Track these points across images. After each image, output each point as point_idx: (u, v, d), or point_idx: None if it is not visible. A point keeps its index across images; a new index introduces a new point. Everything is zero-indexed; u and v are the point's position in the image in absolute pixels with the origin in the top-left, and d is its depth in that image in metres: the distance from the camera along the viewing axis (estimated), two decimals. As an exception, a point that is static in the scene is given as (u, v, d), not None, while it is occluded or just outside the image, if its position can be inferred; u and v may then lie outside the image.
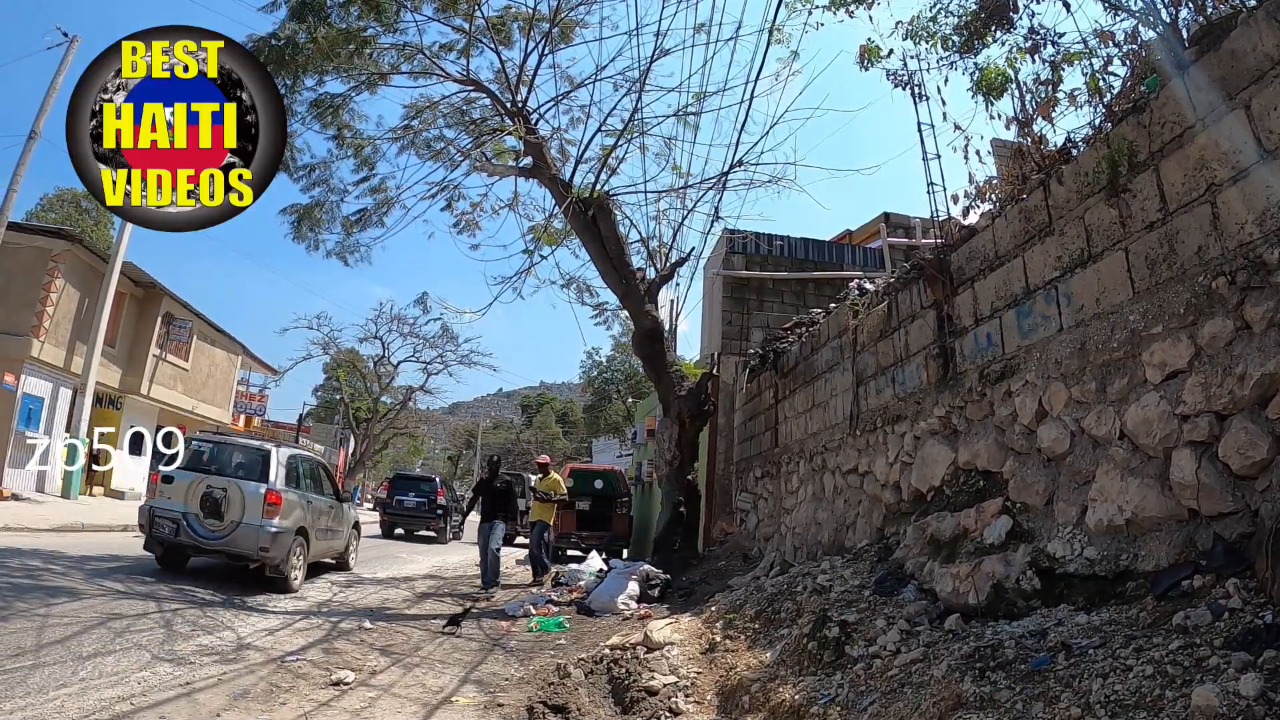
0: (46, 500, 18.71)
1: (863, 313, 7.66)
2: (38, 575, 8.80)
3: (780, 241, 14.65)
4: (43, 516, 15.19)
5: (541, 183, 12.36)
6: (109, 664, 5.58)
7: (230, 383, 32.12)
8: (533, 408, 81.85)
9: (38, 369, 20.31)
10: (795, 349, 9.79)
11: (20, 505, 16.67)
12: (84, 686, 4.98)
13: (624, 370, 55.04)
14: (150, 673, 5.51)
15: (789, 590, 6.20)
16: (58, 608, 7.06)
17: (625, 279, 11.75)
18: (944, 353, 5.91)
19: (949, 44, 5.84)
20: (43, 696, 4.71)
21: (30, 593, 7.58)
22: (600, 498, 19.20)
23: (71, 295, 21.05)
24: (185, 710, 4.81)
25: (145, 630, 6.69)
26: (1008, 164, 5.25)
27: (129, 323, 24.27)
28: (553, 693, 5.35)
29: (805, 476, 8.82)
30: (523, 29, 12.00)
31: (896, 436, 6.59)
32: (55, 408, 21.15)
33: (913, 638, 4.26)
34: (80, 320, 21.22)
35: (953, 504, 5.39)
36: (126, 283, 22.79)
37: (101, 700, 4.75)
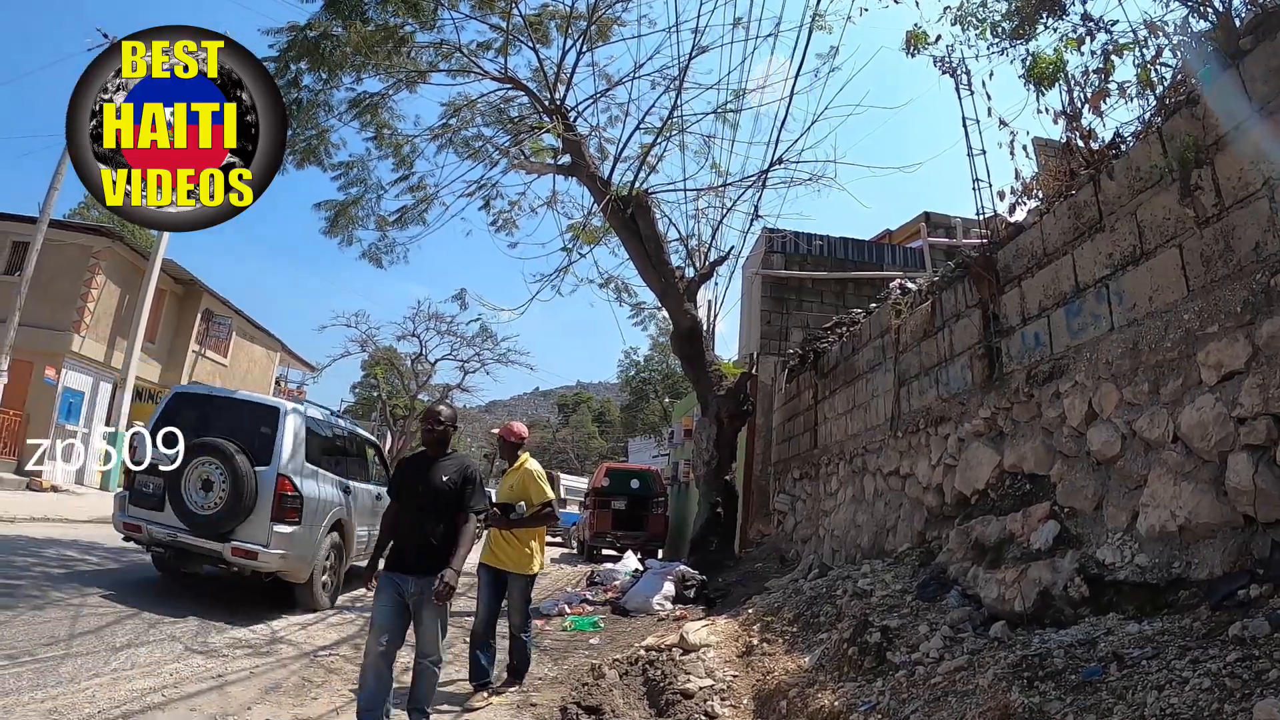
0: (86, 492, 19.19)
1: (905, 312, 7.53)
2: (73, 565, 8.98)
3: (820, 241, 14.52)
4: (81, 508, 15.54)
5: (580, 181, 12.38)
6: (142, 655, 5.67)
7: (269, 379, 32.74)
8: (569, 407, 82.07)
9: (79, 364, 20.90)
10: (836, 349, 9.67)
11: (60, 497, 17.11)
12: (115, 677, 5.07)
13: (661, 370, 54.95)
14: (182, 664, 5.59)
15: (828, 594, 6.11)
16: (92, 598, 7.17)
17: (664, 277, 11.71)
18: (990, 353, 5.78)
19: (998, 30, 5.71)
20: (74, 686, 4.79)
21: (65, 583, 7.71)
22: (636, 497, 19.19)
23: (112, 292, 21.61)
24: (216, 702, 4.86)
25: (177, 623, 6.81)
26: (1055, 160, 5.12)
27: (169, 319, 24.87)
28: (586, 693, 5.33)
29: (845, 478, 8.70)
30: (560, 27, 12.02)
31: (940, 438, 6.46)
32: (95, 401, 21.74)
33: (957, 645, 4.16)
34: (121, 316, 21.80)
35: (998, 508, 5.26)
36: (166, 280, 23.34)
37: (133, 691, 4.83)
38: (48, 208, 18.11)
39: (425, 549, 4.45)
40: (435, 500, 4.53)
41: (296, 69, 11.64)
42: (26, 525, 12.23)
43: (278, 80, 11.61)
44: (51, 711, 4.33)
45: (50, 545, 10.20)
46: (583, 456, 64.99)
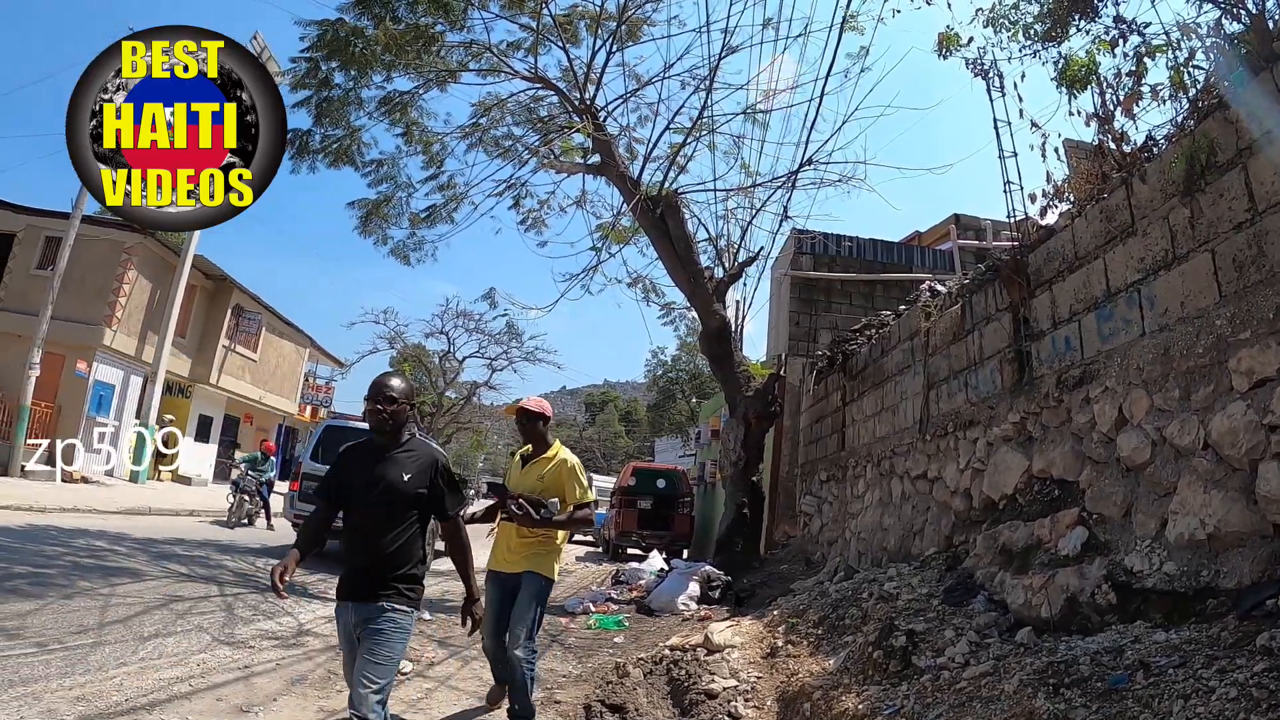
0: (115, 484, 19.62)
1: (935, 314, 7.49)
2: (103, 556, 9.15)
3: (849, 242, 14.46)
4: (111, 499, 15.86)
5: (610, 180, 12.43)
6: (169, 645, 5.76)
7: (298, 374, 33.18)
8: (596, 406, 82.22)
9: (110, 357, 21.37)
10: (864, 351, 9.63)
11: (90, 488, 17.47)
12: (143, 666, 5.15)
13: (688, 370, 54.93)
14: (209, 655, 5.67)
15: (854, 596, 6.10)
16: (121, 588, 7.31)
17: (693, 277, 11.73)
18: (1020, 357, 5.74)
19: (1030, 33, 5.66)
20: (103, 674, 4.87)
21: (94, 573, 7.87)
22: (663, 497, 19.20)
23: (144, 287, 22.04)
24: (242, 693, 4.92)
25: (206, 613, 6.90)
26: (1086, 163, 5.07)
27: (199, 314, 25.30)
28: (610, 691, 5.36)
29: (872, 481, 8.67)
30: (590, 27, 12.08)
31: (968, 442, 6.43)
32: (126, 395, 22.20)
33: (982, 650, 4.14)
34: (152, 311, 22.21)
35: (1026, 513, 5.23)
36: (197, 275, 23.74)
37: (160, 680, 4.90)
38: (80, 204, 18.48)
39: (374, 570, 3.41)
40: (391, 505, 3.46)
41: (328, 68, 11.80)
42: (56, 516, 12.47)
43: (308, 78, 11.81)
44: (80, 699, 4.41)
45: (79, 535, 10.40)
46: (609, 456, 65.10)
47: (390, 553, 3.46)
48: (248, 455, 17.64)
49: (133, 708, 4.40)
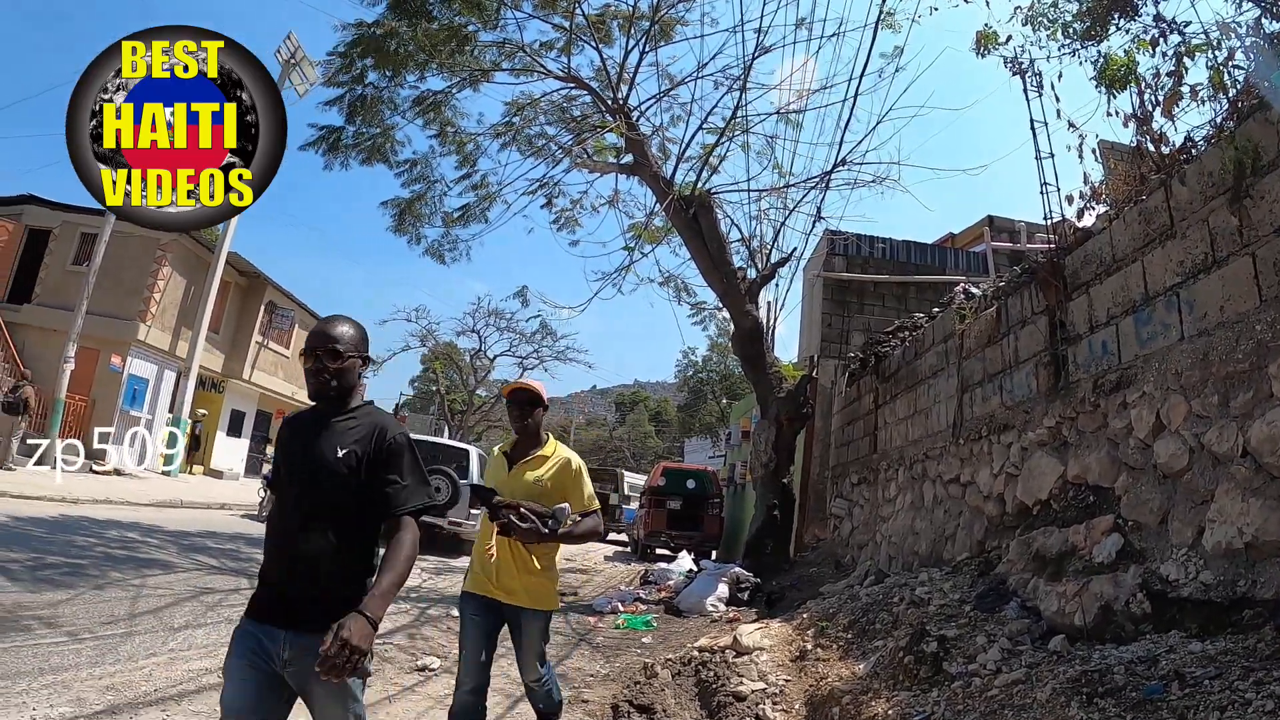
0: (148, 476, 19.98)
1: (970, 317, 7.42)
2: (134, 547, 9.31)
3: (882, 244, 14.35)
4: (143, 492, 16.14)
5: (643, 180, 12.46)
6: (199, 636, 5.86)
7: (330, 371, 33.42)
8: (627, 405, 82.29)
9: (144, 352, 21.80)
10: (898, 353, 9.56)
11: (123, 480, 17.80)
12: (173, 657, 5.23)
13: (719, 371, 54.85)
14: None
15: (884, 601, 6.06)
16: (152, 579, 7.43)
17: (726, 278, 11.71)
18: (1055, 360, 5.67)
19: (1069, 31, 5.60)
20: (132, 664, 4.95)
21: (126, 564, 8.01)
22: (692, 498, 19.16)
23: (178, 283, 22.45)
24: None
25: (237, 605, 6.99)
26: (1124, 164, 5.00)
27: (233, 310, 25.71)
28: (638, 692, 5.37)
29: (904, 484, 8.60)
30: (623, 27, 12.13)
31: (1002, 446, 6.36)
32: (159, 389, 22.63)
33: (1015, 657, 4.10)
34: (186, 307, 22.62)
35: (1060, 519, 5.16)
36: (231, 272, 24.11)
37: (189, 671, 4.98)
38: None
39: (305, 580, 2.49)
40: (320, 489, 2.53)
41: (362, 65, 11.95)
42: (89, 507, 12.70)
43: (341, 75, 11.98)
44: (109, 688, 4.48)
45: (112, 526, 10.58)
46: (639, 455, 65.18)
47: (309, 561, 2.47)
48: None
49: (162, 698, 4.47)
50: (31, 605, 6.03)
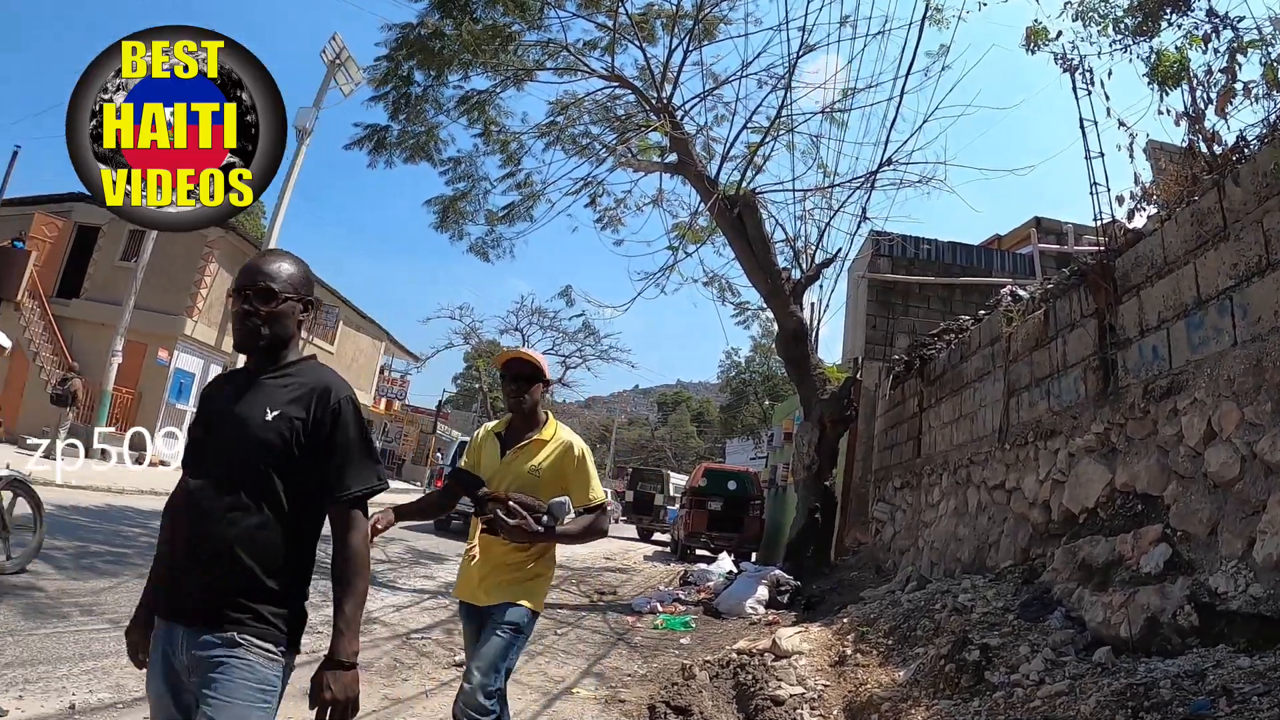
0: None
1: (1017, 319, 7.29)
2: None
3: (927, 245, 14.15)
4: None
5: (687, 179, 12.45)
6: (239, 626, 5.95)
7: (374, 367, 34.01)
8: (669, 405, 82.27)
9: (190, 346, 22.41)
10: (943, 356, 9.42)
11: (167, 471, 18.19)
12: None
13: (762, 372, 54.58)
14: None
15: (926, 607, 5.98)
16: None
17: (771, 278, 11.66)
18: (1105, 365, 5.54)
19: (1120, 27, 5.48)
20: None
21: None
22: (733, 499, 19.10)
23: (225, 279, 22.97)
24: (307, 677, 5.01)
25: None
26: (1175, 164, 4.87)
27: None
28: (675, 693, 5.37)
29: (947, 489, 8.48)
30: (666, 26, 12.15)
31: (1049, 452, 6.23)
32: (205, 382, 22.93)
33: (1058, 668, 4.02)
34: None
35: (1107, 528, 5.05)
36: None
37: (228, 660, 5.05)
38: None
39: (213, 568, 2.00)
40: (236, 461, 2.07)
41: (408, 66, 12.12)
42: (134, 497, 12.99)
43: (387, 76, 12.17)
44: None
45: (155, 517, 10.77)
46: (680, 456, 65.16)
47: (228, 543, 1.99)
48: None
49: None
50: (75, 592, 6.19)
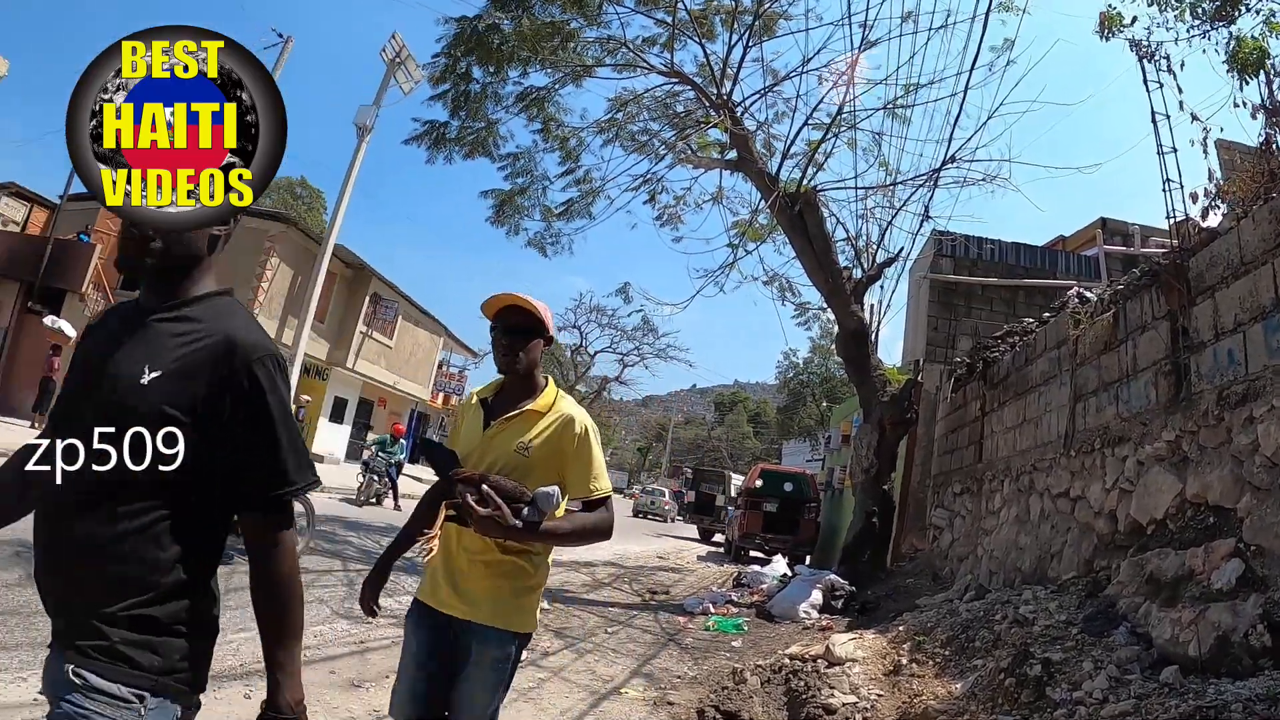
0: None
1: (1085, 322, 7.05)
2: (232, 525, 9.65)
3: (990, 245, 13.80)
4: None
5: (747, 176, 12.37)
6: (289, 615, 6.04)
7: (431, 362, 34.54)
8: (726, 405, 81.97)
9: None
10: (1007, 358, 9.17)
11: None
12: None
13: (820, 373, 54.05)
14: (328, 627, 5.88)
15: (985, 618, 5.81)
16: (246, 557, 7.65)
17: (831, 277, 11.51)
18: (1177, 369, 5.32)
19: (1198, 12, 5.25)
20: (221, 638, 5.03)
21: None
22: (789, 500, 18.91)
23: (285, 273, 23.55)
24: (355, 666, 5.07)
25: (328, 587, 7.18)
26: (1251, 160, 4.64)
27: (339, 301, 26.80)
28: (725, 697, 5.31)
29: (1009, 497, 8.24)
30: (725, 22, 12.07)
31: (1116, 460, 6.01)
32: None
33: (1122, 687, 3.86)
34: (293, 296, 23.70)
35: (1177, 541, 4.83)
36: (337, 264, 25.08)
37: (278, 648, 5.13)
38: None
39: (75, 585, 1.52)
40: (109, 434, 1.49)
41: (466, 62, 12.24)
42: None
43: (447, 73, 12.32)
44: None
45: None
46: (736, 456, 64.89)
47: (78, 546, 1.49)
48: (379, 437, 18.46)
49: (246, 673, 4.55)
50: None
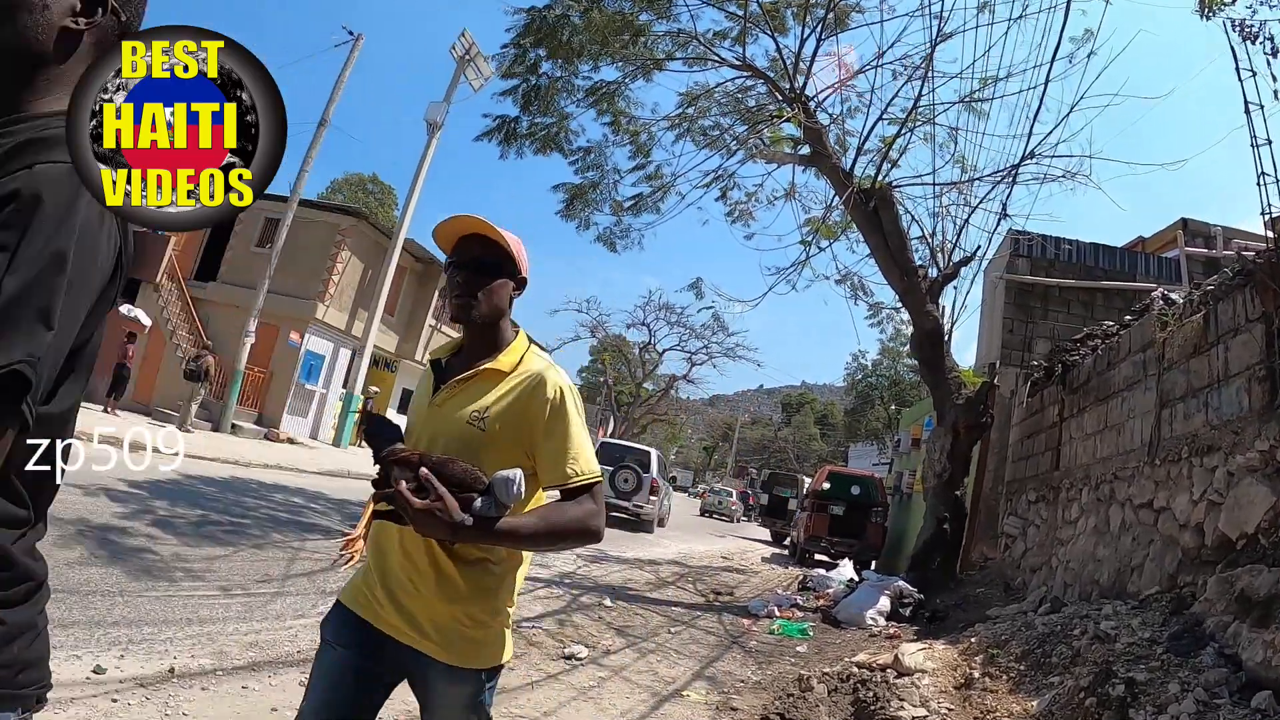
0: (318, 446, 21.71)
1: (1173, 324, 6.74)
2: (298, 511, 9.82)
3: (1068, 245, 13.33)
4: (312, 460, 17.35)
5: (820, 172, 12.18)
6: (350, 602, 6.09)
7: (499, 356, 34.87)
8: (793, 406, 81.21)
9: (321, 330, 23.75)
10: (1087, 362, 8.84)
11: (294, 448, 19.31)
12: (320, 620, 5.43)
13: (889, 376, 53.12)
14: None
15: (1063, 632, 5.60)
16: (310, 543, 7.75)
17: (906, 275, 11.24)
18: (1272, 375, 5.04)
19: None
20: (279, 624, 5.10)
21: (288, 526, 8.43)
22: (856, 504, 18.58)
23: (356, 266, 24.09)
24: None
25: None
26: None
27: (408, 294, 27.29)
28: (791, 705, 5.22)
29: (1087, 506, 7.94)
30: (797, 15, 11.91)
31: (1205, 470, 5.72)
32: (334, 365, 24.63)
33: (1211, 711, 3.67)
34: (363, 289, 24.28)
35: (1270, 557, 4.57)
36: (407, 258, 25.57)
37: (336, 636, 5.17)
38: (298, 188, 20.69)
39: None
40: None
41: (535, 55, 12.29)
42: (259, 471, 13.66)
43: (516, 65, 12.40)
44: (252, 645, 4.64)
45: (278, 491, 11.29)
46: (802, 458, 64.23)
47: None
48: None
49: (304, 659, 4.48)
50: (189, 558, 6.42)
